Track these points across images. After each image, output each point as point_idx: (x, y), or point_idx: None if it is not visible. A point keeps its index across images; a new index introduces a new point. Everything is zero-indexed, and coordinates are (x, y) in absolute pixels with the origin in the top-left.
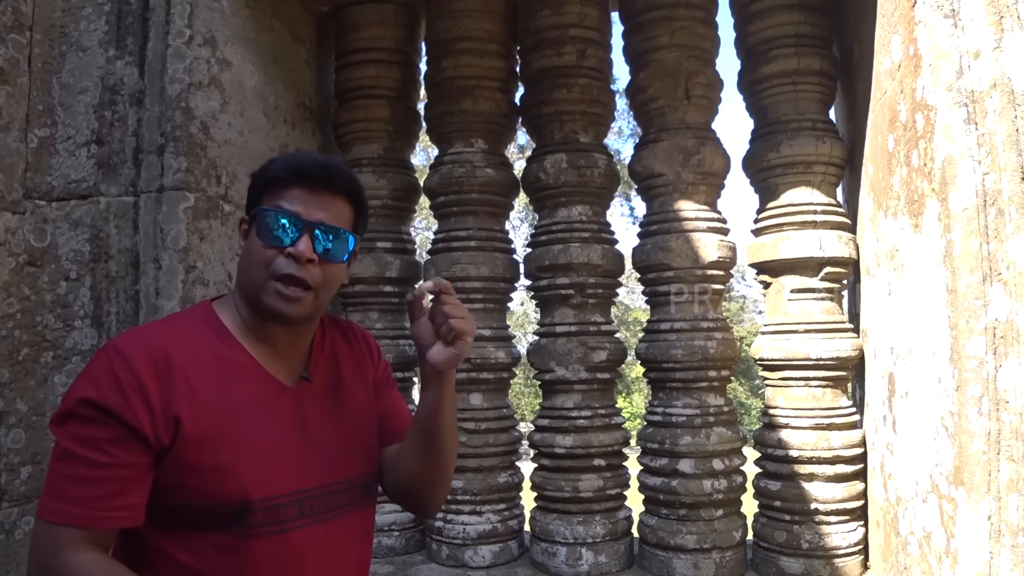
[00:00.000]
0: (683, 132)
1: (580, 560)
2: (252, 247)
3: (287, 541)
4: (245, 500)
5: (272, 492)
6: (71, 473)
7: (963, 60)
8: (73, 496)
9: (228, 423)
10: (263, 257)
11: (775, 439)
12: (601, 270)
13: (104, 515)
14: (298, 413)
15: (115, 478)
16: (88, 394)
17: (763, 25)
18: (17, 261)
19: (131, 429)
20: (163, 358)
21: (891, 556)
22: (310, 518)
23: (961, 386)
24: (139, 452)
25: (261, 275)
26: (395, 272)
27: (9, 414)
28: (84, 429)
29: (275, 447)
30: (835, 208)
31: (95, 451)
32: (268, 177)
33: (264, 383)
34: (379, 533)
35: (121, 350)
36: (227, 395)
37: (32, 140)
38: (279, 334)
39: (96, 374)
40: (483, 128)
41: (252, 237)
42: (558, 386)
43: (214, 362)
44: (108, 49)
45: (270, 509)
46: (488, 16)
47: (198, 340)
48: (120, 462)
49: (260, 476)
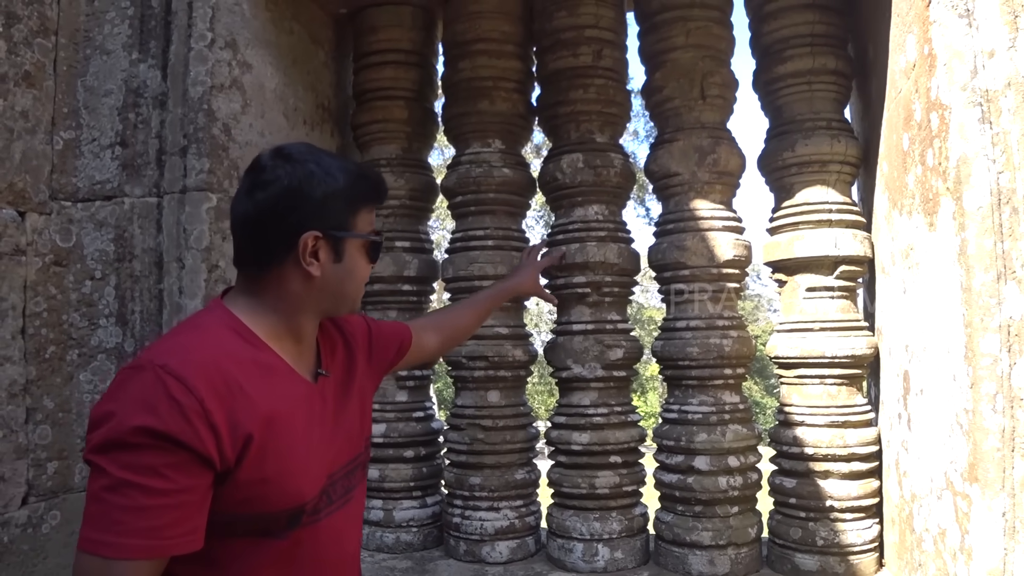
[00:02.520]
0: (698, 132)
1: (596, 556)
2: (359, 269)
3: (320, 530)
4: (301, 503)
5: (317, 488)
6: (129, 504)
7: (977, 59)
8: (137, 528)
9: (283, 429)
10: (366, 277)
11: (790, 437)
12: (617, 269)
13: (170, 543)
14: (324, 407)
15: (179, 504)
16: (146, 422)
17: (778, 25)
18: (44, 261)
19: (195, 454)
20: (219, 376)
21: (906, 553)
22: (334, 504)
23: (975, 383)
24: (200, 474)
25: (361, 292)
26: (413, 271)
27: (36, 411)
28: (141, 457)
29: (314, 446)
30: (850, 207)
31: (156, 478)
32: (355, 196)
33: (297, 384)
34: (397, 529)
35: (175, 372)
36: (277, 401)
37: (58, 142)
38: (308, 331)
39: (150, 399)
40: (500, 128)
41: (359, 259)
42: (575, 384)
43: (257, 370)
44: (131, 52)
45: (311, 503)
46: (504, 18)
47: (238, 350)
48: (182, 487)
49: (309, 476)
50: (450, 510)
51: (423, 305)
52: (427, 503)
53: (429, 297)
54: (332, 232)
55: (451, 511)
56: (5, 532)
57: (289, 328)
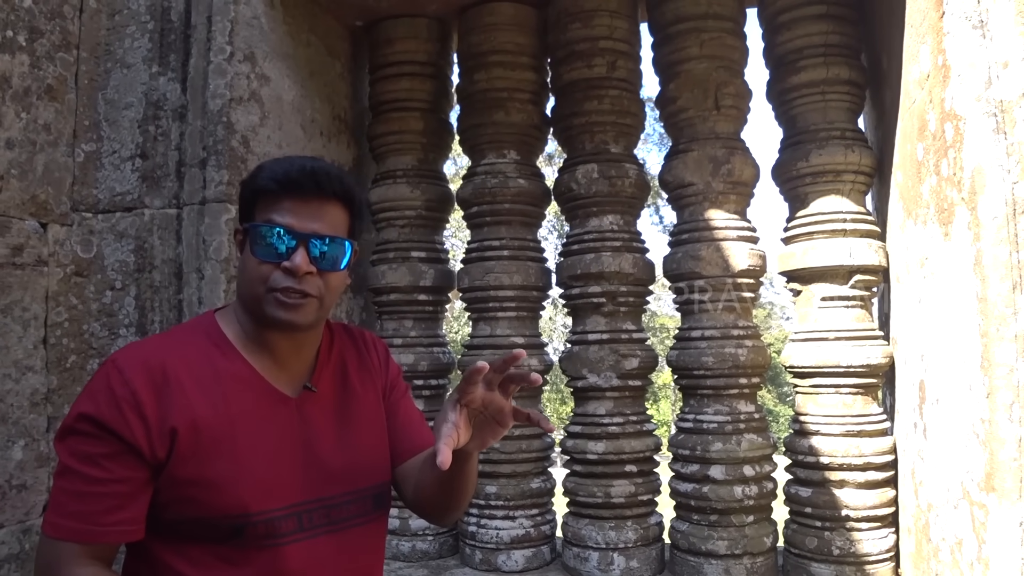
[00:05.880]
0: (713, 142)
1: (612, 565)
2: (248, 262)
3: (285, 555)
4: (244, 513)
5: (271, 505)
6: (70, 488)
7: (992, 70)
8: (72, 511)
9: (225, 436)
10: (260, 272)
11: (806, 446)
12: (632, 278)
13: (102, 530)
14: (300, 424)
15: (112, 493)
16: (86, 409)
17: (792, 35)
18: (65, 271)
19: (126, 444)
20: (160, 371)
21: (922, 563)
22: (309, 531)
23: (992, 393)
24: (135, 467)
25: (260, 289)
26: (429, 281)
27: (57, 420)
28: (82, 445)
29: (274, 459)
30: (864, 216)
31: (92, 467)
32: (257, 188)
33: (264, 394)
34: (413, 537)
35: (119, 364)
36: (225, 408)
37: (79, 154)
38: (281, 343)
39: (94, 389)
40: (515, 139)
41: (247, 252)
42: (590, 393)
43: (212, 374)
44: (151, 66)
45: (269, 522)
46: (519, 29)
47: (197, 352)
48: (116, 477)
49: (258, 489)
50: (466, 519)
51: (439, 315)
52: None
53: (444, 307)
54: (242, 224)
55: (467, 520)
56: (27, 539)
57: (251, 336)
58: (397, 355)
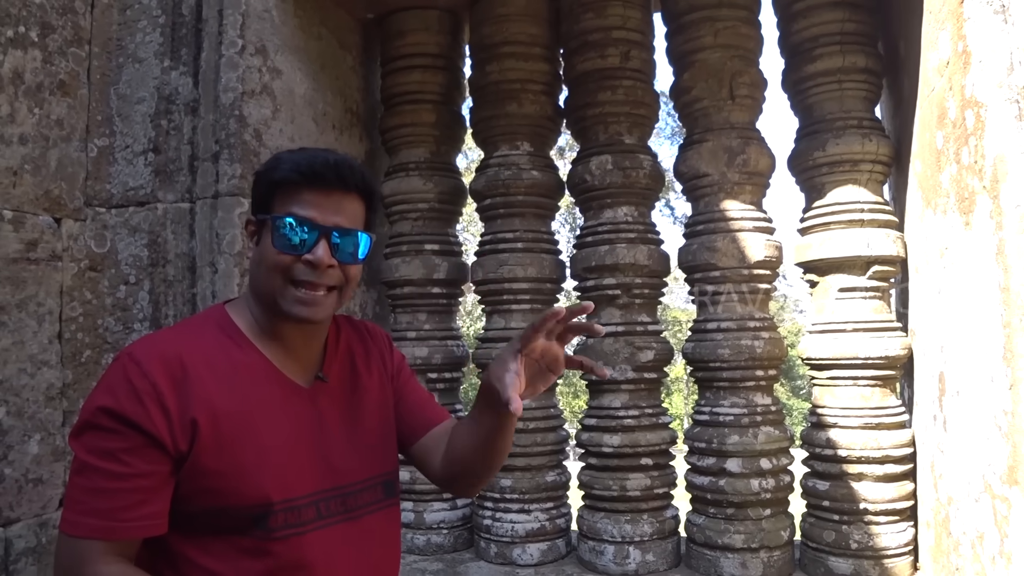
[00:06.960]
0: (728, 132)
1: (627, 558)
2: (267, 253)
3: (306, 543)
4: (266, 502)
5: (291, 494)
6: (90, 486)
7: (1014, 56)
8: (93, 508)
9: (245, 426)
10: (280, 263)
11: (823, 439)
12: (647, 270)
13: (126, 525)
14: (314, 414)
15: (134, 488)
16: (105, 403)
17: (807, 23)
18: (79, 266)
19: (149, 436)
20: (177, 363)
21: (942, 557)
22: (327, 519)
23: (1015, 384)
24: (157, 460)
25: (279, 281)
26: (443, 274)
27: (73, 414)
28: (100, 440)
29: (292, 448)
30: (882, 206)
31: (113, 462)
32: (276, 180)
33: (279, 385)
34: (428, 531)
35: (136, 357)
36: (243, 398)
37: (92, 149)
38: (294, 334)
39: (112, 383)
40: (528, 131)
41: (266, 243)
42: (605, 386)
43: (228, 366)
44: (163, 60)
45: (291, 511)
46: (531, 20)
47: (212, 344)
48: (138, 471)
49: (279, 478)
50: (480, 512)
51: (452, 308)
52: (457, 505)
53: (458, 300)
54: (256, 215)
55: (482, 513)
56: (44, 533)
57: (263, 327)
58: (411, 348)
